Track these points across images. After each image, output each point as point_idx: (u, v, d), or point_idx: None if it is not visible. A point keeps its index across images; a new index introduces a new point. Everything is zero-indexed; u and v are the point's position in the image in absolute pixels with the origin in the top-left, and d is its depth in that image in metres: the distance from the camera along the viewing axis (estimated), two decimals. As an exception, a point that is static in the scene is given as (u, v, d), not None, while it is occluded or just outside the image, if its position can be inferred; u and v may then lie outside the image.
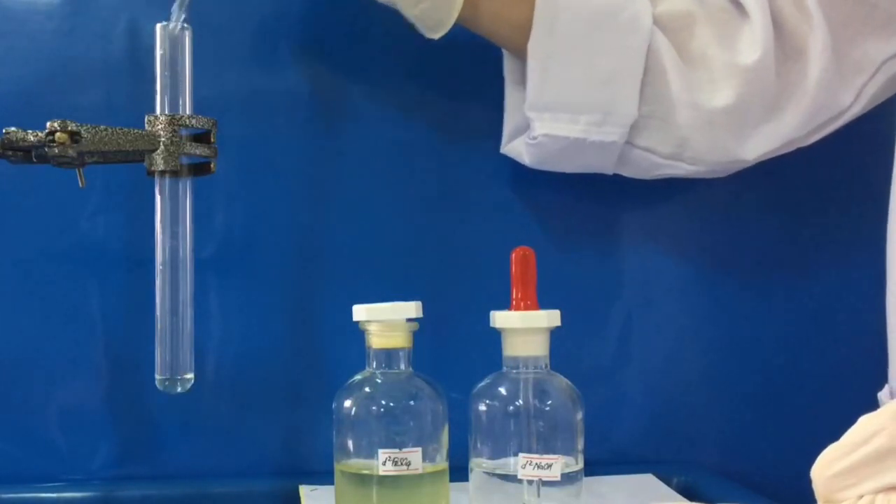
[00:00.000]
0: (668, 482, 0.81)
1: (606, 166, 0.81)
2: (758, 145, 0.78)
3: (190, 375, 0.69)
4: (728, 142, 0.78)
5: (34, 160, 0.66)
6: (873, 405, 0.71)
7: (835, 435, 0.48)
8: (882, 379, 0.75)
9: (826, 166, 0.88)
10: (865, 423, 0.46)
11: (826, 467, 0.46)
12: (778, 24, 0.77)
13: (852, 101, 0.78)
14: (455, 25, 0.75)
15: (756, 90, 0.76)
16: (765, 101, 0.77)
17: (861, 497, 0.45)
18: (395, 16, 0.76)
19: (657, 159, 0.79)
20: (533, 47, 0.76)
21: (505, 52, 0.83)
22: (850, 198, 0.90)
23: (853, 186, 0.90)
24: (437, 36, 0.76)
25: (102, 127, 0.65)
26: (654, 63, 0.77)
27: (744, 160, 0.79)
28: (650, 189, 0.85)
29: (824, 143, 0.80)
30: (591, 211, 0.87)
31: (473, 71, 0.85)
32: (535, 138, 0.78)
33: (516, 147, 0.82)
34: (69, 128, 0.63)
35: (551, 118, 0.77)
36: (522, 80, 0.80)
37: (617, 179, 0.84)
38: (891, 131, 0.76)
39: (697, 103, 0.77)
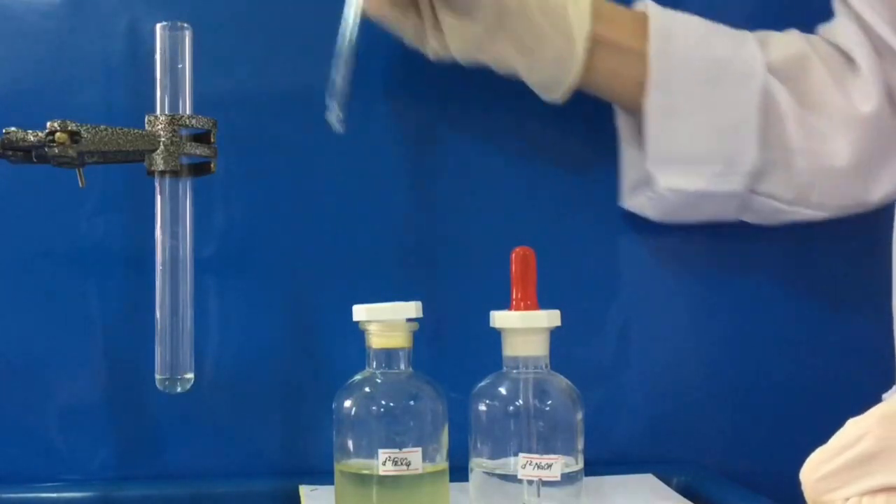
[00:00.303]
0: (668, 482, 0.81)
1: (729, 214, 0.81)
2: (882, 187, 0.78)
3: (190, 375, 0.69)
4: (852, 188, 0.78)
5: (34, 160, 0.66)
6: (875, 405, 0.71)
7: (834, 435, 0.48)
8: (884, 380, 0.74)
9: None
10: (852, 426, 0.46)
11: (813, 470, 0.47)
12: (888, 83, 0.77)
13: None
14: None
15: (874, 138, 0.77)
16: (883, 147, 0.77)
17: (847, 500, 0.46)
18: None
19: (780, 205, 0.80)
20: (650, 104, 0.77)
21: (617, 110, 0.83)
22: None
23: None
24: (554, 98, 0.78)
25: (102, 127, 0.65)
26: (771, 110, 0.77)
27: (869, 203, 0.79)
28: (650, 189, 0.85)
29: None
30: (591, 211, 0.87)
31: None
32: (658, 193, 0.79)
33: (638, 201, 0.83)
34: (69, 128, 0.63)
35: (673, 172, 0.78)
36: (636, 136, 0.81)
37: (616, 179, 0.84)
38: None
39: (817, 151, 0.77)
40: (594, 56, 0.75)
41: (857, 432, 0.46)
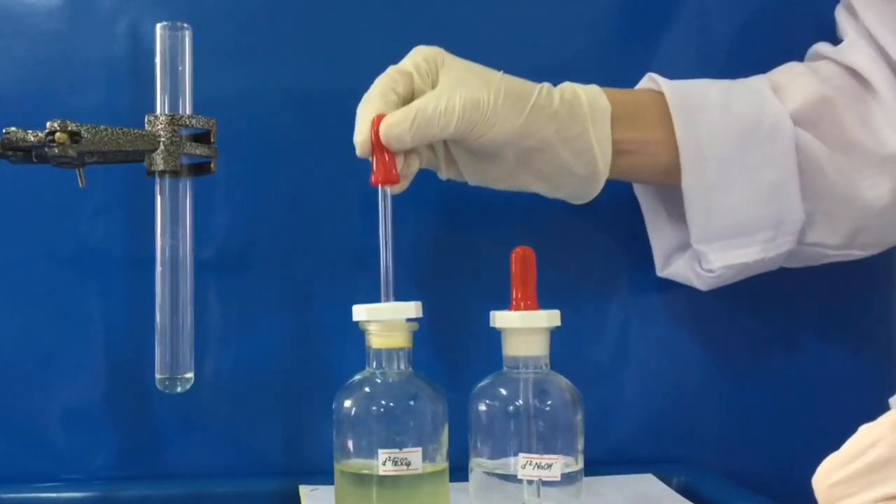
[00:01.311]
0: (668, 482, 0.81)
1: (776, 266, 0.80)
2: None
3: (190, 375, 0.69)
4: None
5: (34, 160, 0.66)
6: (874, 407, 0.71)
7: (835, 436, 0.48)
8: (883, 382, 0.75)
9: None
10: (865, 432, 0.46)
11: (826, 477, 0.47)
12: None
13: None
14: None
15: None
16: None
17: None
18: (392, 18, 0.76)
19: (828, 251, 0.79)
20: (688, 187, 0.76)
21: (635, 184, 0.83)
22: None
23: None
24: (580, 204, 0.78)
25: (102, 127, 0.65)
26: (806, 162, 0.75)
27: None
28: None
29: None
30: (591, 210, 0.87)
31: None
32: (712, 271, 0.78)
33: (679, 272, 0.82)
34: (69, 128, 0.64)
35: (724, 247, 0.77)
36: (661, 206, 0.82)
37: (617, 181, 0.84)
38: None
39: (859, 196, 0.76)
40: (617, 160, 0.74)
41: (870, 439, 0.46)
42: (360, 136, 0.69)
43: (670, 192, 0.79)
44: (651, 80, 0.79)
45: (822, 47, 0.82)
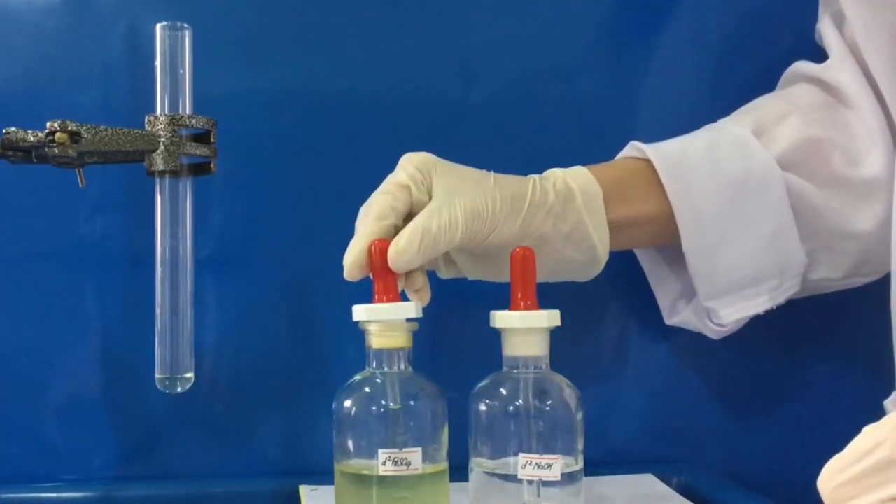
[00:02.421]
0: (668, 482, 0.81)
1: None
2: None
3: (190, 375, 0.69)
4: None
5: (34, 160, 0.66)
6: (873, 407, 0.71)
7: (834, 435, 0.48)
8: (881, 383, 0.74)
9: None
10: (869, 434, 0.46)
11: (831, 478, 0.47)
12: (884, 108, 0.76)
13: None
14: None
15: (892, 196, 0.75)
16: None
17: None
18: (392, 18, 0.76)
19: (833, 284, 0.80)
20: (689, 248, 0.76)
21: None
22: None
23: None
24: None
25: (102, 127, 0.65)
26: (800, 205, 0.76)
27: None
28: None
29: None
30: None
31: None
32: (723, 325, 0.78)
33: (687, 321, 0.82)
34: (69, 128, 0.64)
35: (732, 301, 0.77)
36: (660, 258, 0.82)
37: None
38: None
39: (857, 230, 0.77)
40: (614, 238, 0.74)
41: (873, 440, 0.46)
42: (351, 257, 0.67)
43: (666, 245, 0.80)
44: (635, 149, 0.79)
45: (803, 66, 0.82)
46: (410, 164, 0.70)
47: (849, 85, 0.77)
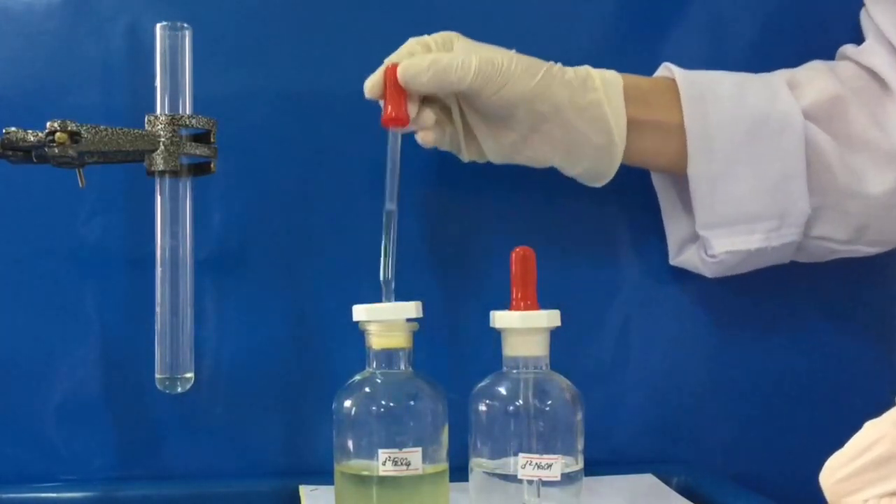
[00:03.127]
0: (668, 482, 0.81)
1: (784, 259, 0.81)
2: None
3: (190, 375, 0.70)
4: None
5: (34, 160, 0.66)
6: (875, 407, 0.71)
7: (834, 435, 0.48)
8: (886, 383, 0.74)
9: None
10: (869, 429, 0.47)
11: (833, 473, 0.47)
12: None
13: None
14: None
15: None
16: None
17: (866, 501, 0.46)
18: (393, 18, 0.76)
19: (835, 246, 0.80)
20: (694, 174, 0.77)
21: (653, 173, 0.84)
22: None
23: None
24: (597, 185, 0.78)
25: (102, 127, 0.65)
26: (815, 157, 0.76)
27: None
28: (650, 189, 0.85)
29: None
30: (592, 210, 0.87)
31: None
32: (714, 256, 0.79)
33: (689, 259, 0.83)
34: (69, 128, 0.64)
35: (727, 234, 0.78)
36: (674, 195, 0.82)
37: (621, 175, 0.84)
38: None
39: (867, 192, 0.77)
40: (631, 139, 0.75)
41: (873, 436, 0.46)
42: (373, 77, 0.73)
43: (686, 183, 0.80)
44: (666, 69, 0.80)
45: (846, 49, 0.83)
46: (435, 35, 0.74)
47: (881, 67, 0.78)
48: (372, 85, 0.73)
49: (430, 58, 0.71)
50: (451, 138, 0.77)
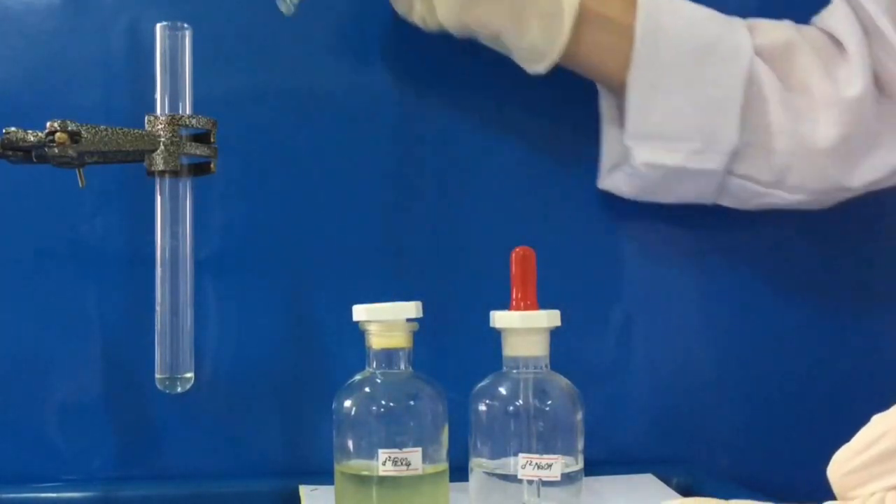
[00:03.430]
0: (668, 482, 0.81)
1: (706, 195, 0.81)
2: (864, 173, 0.78)
3: (190, 375, 0.69)
4: (831, 170, 0.78)
5: (34, 160, 0.66)
6: (875, 406, 0.71)
7: (835, 435, 0.48)
8: (888, 384, 0.74)
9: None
10: (876, 422, 0.47)
11: (840, 466, 0.47)
12: (874, 67, 0.77)
13: None
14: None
15: (857, 122, 0.77)
16: (866, 132, 0.77)
17: (873, 494, 0.46)
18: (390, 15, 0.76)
19: (757, 188, 0.80)
20: (633, 78, 0.77)
21: (601, 90, 0.84)
22: (864, 201, 0.89)
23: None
24: (540, 69, 0.77)
25: (102, 127, 0.65)
26: (754, 92, 0.77)
27: (849, 188, 0.79)
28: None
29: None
30: (591, 210, 0.87)
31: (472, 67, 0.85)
32: (635, 168, 0.79)
33: (615, 180, 0.83)
34: (69, 128, 0.64)
35: (651, 147, 0.78)
36: (618, 117, 0.81)
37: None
38: None
39: (799, 132, 0.77)
40: (581, 28, 0.75)
41: (880, 429, 0.47)
42: None
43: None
44: None
45: (815, 17, 0.83)
46: None
47: (838, 27, 0.79)
48: None
49: None
50: None
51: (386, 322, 0.67)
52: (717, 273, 0.88)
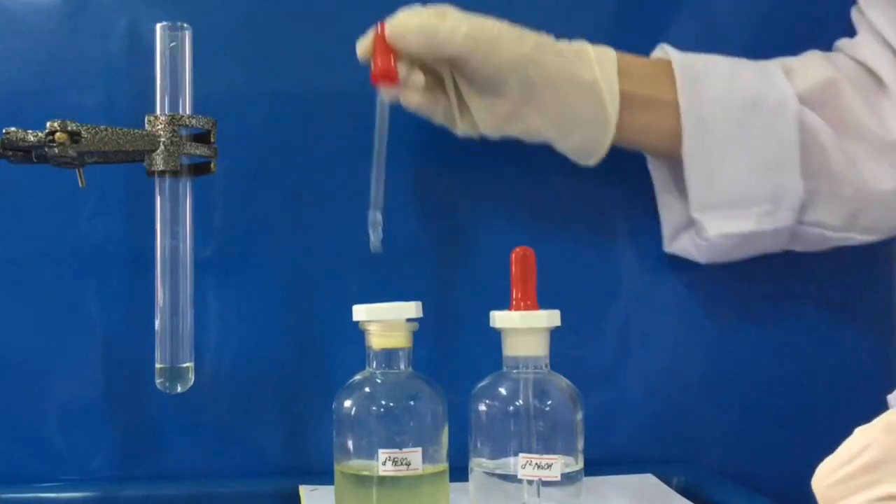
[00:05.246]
0: (668, 482, 0.81)
1: (779, 247, 0.81)
2: None
3: (190, 375, 0.69)
4: None
5: (34, 160, 0.66)
6: (874, 406, 0.71)
7: (834, 436, 0.48)
8: (884, 380, 0.74)
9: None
10: (859, 434, 0.47)
11: (824, 478, 0.47)
12: None
13: None
14: None
15: None
16: None
17: None
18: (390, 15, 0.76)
19: (829, 233, 0.80)
20: (688, 152, 0.76)
21: (648, 157, 0.84)
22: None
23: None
24: (590, 164, 0.78)
25: (102, 127, 0.65)
26: (808, 140, 0.76)
27: None
28: (649, 187, 0.85)
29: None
30: (591, 210, 0.87)
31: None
32: (707, 239, 0.79)
33: (683, 245, 0.83)
34: (69, 128, 0.64)
35: (720, 217, 0.77)
36: (670, 181, 0.82)
37: (618, 175, 0.84)
38: None
39: (862, 177, 0.77)
40: (625, 115, 0.75)
41: (864, 441, 0.46)
42: (364, 38, 0.73)
43: (680, 168, 0.79)
44: (662, 51, 0.80)
45: (841, 42, 0.83)
46: (426, 7, 0.74)
47: (873, 60, 0.79)
48: (363, 46, 0.73)
49: (420, 17, 0.72)
50: (445, 109, 0.77)
51: (386, 322, 0.67)
52: (718, 273, 0.88)
